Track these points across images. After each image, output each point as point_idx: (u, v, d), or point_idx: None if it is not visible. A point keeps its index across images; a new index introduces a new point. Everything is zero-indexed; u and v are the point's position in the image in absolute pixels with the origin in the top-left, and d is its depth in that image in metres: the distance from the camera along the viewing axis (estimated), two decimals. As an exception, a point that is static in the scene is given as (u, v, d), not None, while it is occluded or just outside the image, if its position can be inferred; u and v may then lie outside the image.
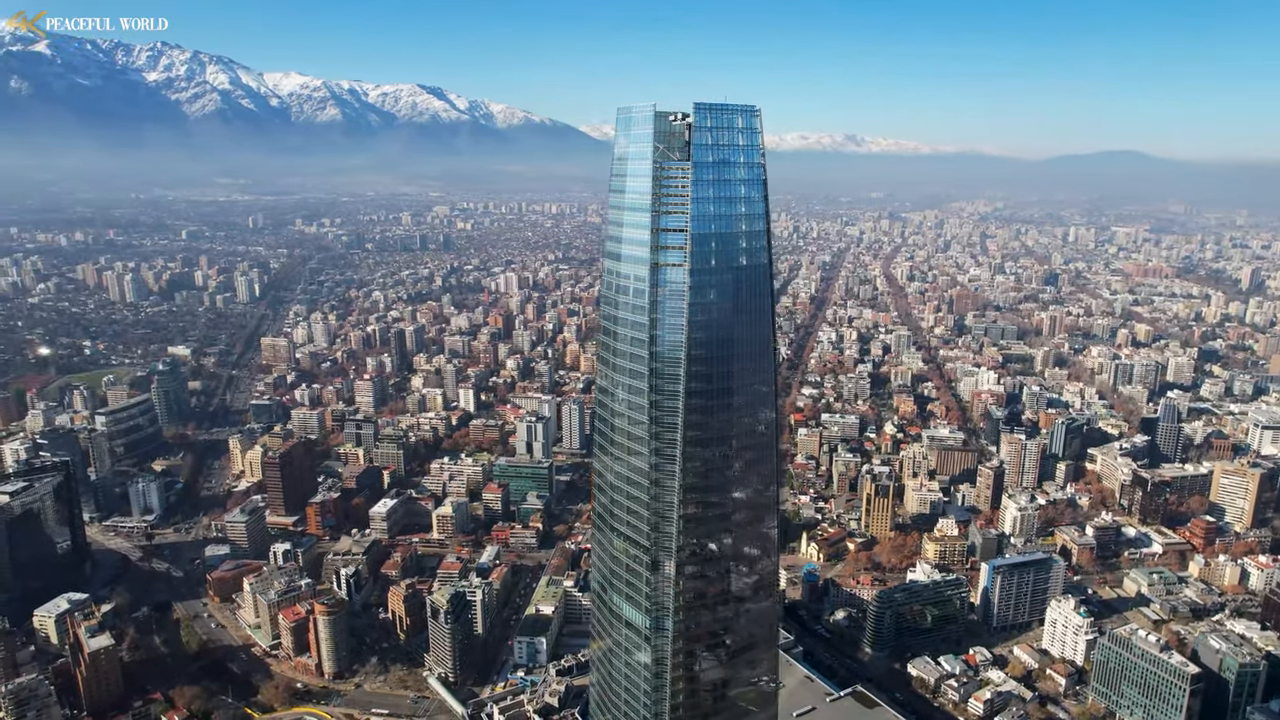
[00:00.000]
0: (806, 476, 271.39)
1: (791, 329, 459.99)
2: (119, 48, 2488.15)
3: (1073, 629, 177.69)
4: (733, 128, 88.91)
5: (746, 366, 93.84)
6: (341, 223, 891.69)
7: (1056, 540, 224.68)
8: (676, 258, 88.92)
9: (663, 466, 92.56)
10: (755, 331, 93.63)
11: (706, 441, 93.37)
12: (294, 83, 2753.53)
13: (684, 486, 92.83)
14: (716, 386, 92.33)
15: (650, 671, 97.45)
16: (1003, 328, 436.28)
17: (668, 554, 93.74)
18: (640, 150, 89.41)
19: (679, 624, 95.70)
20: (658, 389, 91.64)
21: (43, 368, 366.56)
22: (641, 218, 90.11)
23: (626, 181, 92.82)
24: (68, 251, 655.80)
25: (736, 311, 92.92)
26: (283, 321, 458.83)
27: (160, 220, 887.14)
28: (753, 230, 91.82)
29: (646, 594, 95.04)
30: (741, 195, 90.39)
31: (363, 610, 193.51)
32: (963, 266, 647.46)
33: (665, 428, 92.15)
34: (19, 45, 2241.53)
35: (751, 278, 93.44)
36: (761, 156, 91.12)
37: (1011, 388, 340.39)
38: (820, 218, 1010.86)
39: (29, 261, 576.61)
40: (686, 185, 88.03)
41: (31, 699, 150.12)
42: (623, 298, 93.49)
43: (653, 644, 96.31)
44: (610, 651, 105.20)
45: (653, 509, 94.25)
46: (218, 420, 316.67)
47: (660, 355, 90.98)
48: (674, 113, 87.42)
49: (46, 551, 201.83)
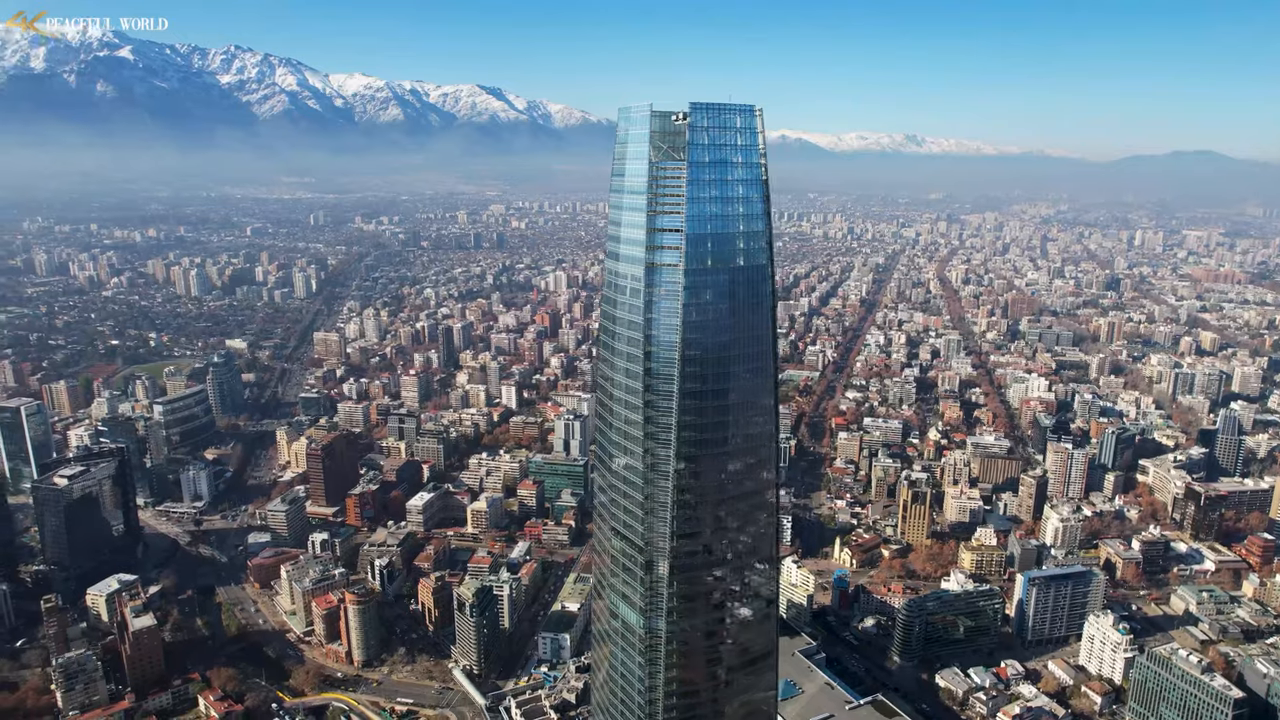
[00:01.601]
0: (844, 481, 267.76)
1: (839, 331, 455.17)
2: (195, 51, 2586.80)
3: (1111, 646, 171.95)
4: (730, 127, 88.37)
5: (744, 367, 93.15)
6: (399, 220, 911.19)
7: (1100, 553, 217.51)
8: (672, 257, 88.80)
9: (657, 466, 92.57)
10: (754, 332, 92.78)
11: (702, 443, 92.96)
12: (358, 83, 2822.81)
13: (678, 488, 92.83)
14: (712, 388, 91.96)
15: (643, 671, 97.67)
16: (1058, 333, 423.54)
17: (662, 555, 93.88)
18: (637, 150, 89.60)
19: (672, 625, 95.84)
20: (652, 388, 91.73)
21: (110, 358, 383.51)
22: (637, 217, 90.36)
23: (625, 181, 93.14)
24: (141, 247, 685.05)
25: (734, 312, 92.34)
26: (336, 317, 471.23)
27: (227, 217, 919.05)
28: (751, 230, 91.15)
29: (641, 594, 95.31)
30: (739, 195, 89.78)
31: (394, 601, 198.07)
32: (1020, 270, 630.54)
33: (660, 428, 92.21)
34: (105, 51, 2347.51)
35: (750, 278, 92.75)
36: (761, 156, 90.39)
37: (1063, 395, 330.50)
38: (876, 219, 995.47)
39: (105, 257, 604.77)
40: (682, 185, 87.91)
41: (80, 672, 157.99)
42: (620, 297, 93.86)
43: (646, 644, 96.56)
44: (608, 650, 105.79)
45: (647, 509, 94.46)
46: (269, 412, 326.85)
47: (655, 355, 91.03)
48: (676, 112, 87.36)
49: (102, 533, 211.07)
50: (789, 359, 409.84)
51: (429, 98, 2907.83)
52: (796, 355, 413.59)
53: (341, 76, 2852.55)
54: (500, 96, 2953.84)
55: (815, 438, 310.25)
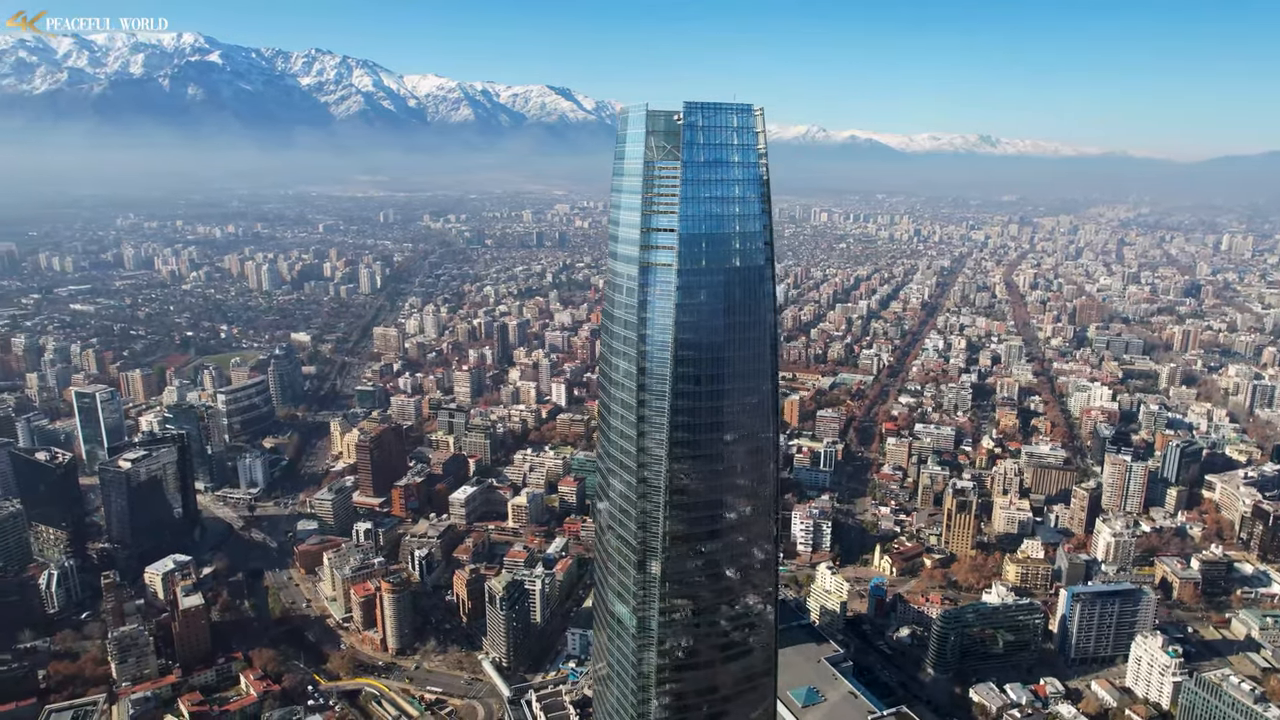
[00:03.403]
0: (890, 488, 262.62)
1: (897, 335, 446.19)
2: (279, 55, 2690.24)
3: (1159, 668, 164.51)
4: (727, 127, 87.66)
5: (740, 369, 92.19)
6: (466, 219, 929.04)
7: (1156, 571, 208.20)
8: (666, 257, 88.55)
9: (650, 466, 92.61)
10: (750, 334, 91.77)
11: (695, 444, 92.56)
12: (431, 84, 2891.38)
13: (671, 488, 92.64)
14: (706, 389, 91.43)
15: (635, 670, 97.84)
16: (1127, 341, 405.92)
17: (654, 554, 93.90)
18: (634, 149, 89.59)
19: (664, 624, 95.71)
20: (645, 388, 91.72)
21: (184, 348, 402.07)
22: (634, 216, 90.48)
23: (623, 180, 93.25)
24: (220, 243, 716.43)
25: (730, 313, 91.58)
26: (398, 312, 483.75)
27: (303, 215, 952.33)
28: (747, 231, 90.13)
29: (634, 592, 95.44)
30: (736, 195, 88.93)
31: (432, 591, 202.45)
32: (1092, 275, 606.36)
33: (653, 427, 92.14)
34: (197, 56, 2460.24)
35: (747, 279, 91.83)
36: (760, 156, 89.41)
37: (1129, 405, 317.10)
38: (945, 221, 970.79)
39: (186, 252, 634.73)
40: (676, 184, 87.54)
41: (132, 646, 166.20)
42: (618, 296, 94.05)
43: (638, 642, 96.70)
44: (605, 649, 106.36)
45: (640, 508, 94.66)
46: (326, 403, 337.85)
47: (649, 355, 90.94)
48: (676, 111, 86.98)
49: (163, 515, 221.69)
50: (843, 362, 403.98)
51: (499, 98, 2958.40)
52: (851, 358, 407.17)
53: (415, 77, 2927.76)
54: (569, 97, 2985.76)
55: (864, 443, 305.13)
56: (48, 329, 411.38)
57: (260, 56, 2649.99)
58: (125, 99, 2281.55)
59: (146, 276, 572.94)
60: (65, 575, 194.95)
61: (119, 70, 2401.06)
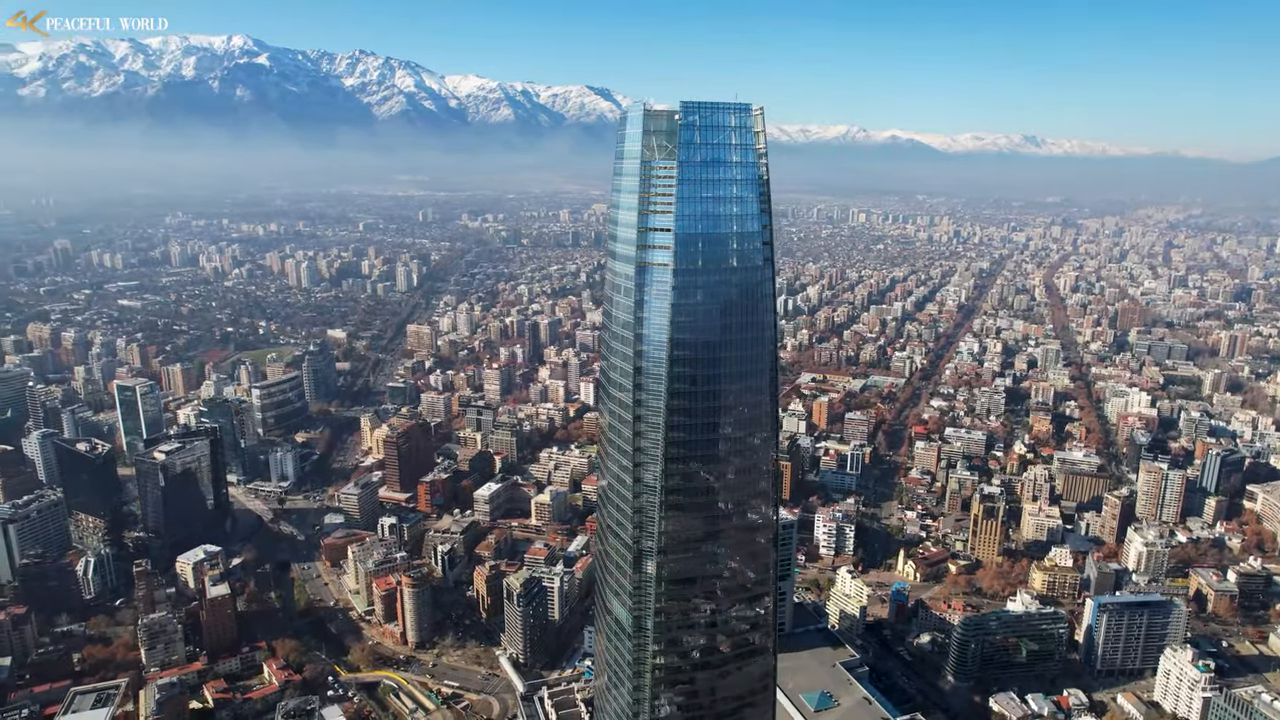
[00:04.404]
0: (917, 492, 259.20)
1: (932, 338, 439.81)
2: (324, 56, 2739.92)
3: (1188, 683, 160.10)
4: (724, 126, 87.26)
5: (737, 371, 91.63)
6: (504, 218, 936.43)
7: (1190, 583, 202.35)
8: (662, 257, 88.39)
9: (646, 465, 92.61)
10: (748, 335, 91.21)
11: (690, 444, 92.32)
12: (472, 84, 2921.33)
13: (666, 489, 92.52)
14: (702, 389, 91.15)
15: (633, 671, 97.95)
16: (1170, 346, 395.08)
17: (650, 554, 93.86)
18: (632, 148, 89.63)
19: (659, 625, 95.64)
20: (642, 387, 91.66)
21: (224, 344, 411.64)
22: (631, 216, 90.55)
23: (622, 180, 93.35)
24: (262, 240, 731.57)
25: (727, 314, 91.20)
26: (433, 310, 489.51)
27: (344, 213, 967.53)
28: (745, 231, 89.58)
29: (630, 592, 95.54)
30: (733, 195, 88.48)
31: (454, 586, 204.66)
32: (1137, 278, 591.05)
33: (649, 426, 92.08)
34: (245, 59, 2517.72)
35: (744, 280, 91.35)
36: (758, 156, 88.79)
37: (1169, 412, 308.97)
38: (986, 223, 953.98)
39: (230, 250, 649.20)
40: (672, 184, 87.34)
41: (161, 633, 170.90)
42: (617, 296, 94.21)
43: (634, 642, 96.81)
44: (604, 650, 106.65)
45: (636, 507, 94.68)
46: (359, 399, 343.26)
47: (646, 355, 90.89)
48: (676, 111, 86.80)
49: (195, 506, 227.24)
50: (875, 364, 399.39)
51: (539, 98, 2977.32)
52: (884, 360, 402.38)
53: (457, 78, 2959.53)
54: (608, 97, 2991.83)
55: (893, 446, 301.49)
56: (96, 324, 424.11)
57: (306, 58, 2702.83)
58: (177, 100, 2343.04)
59: (191, 273, 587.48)
60: (102, 562, 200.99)
61: (172, 73, 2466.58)
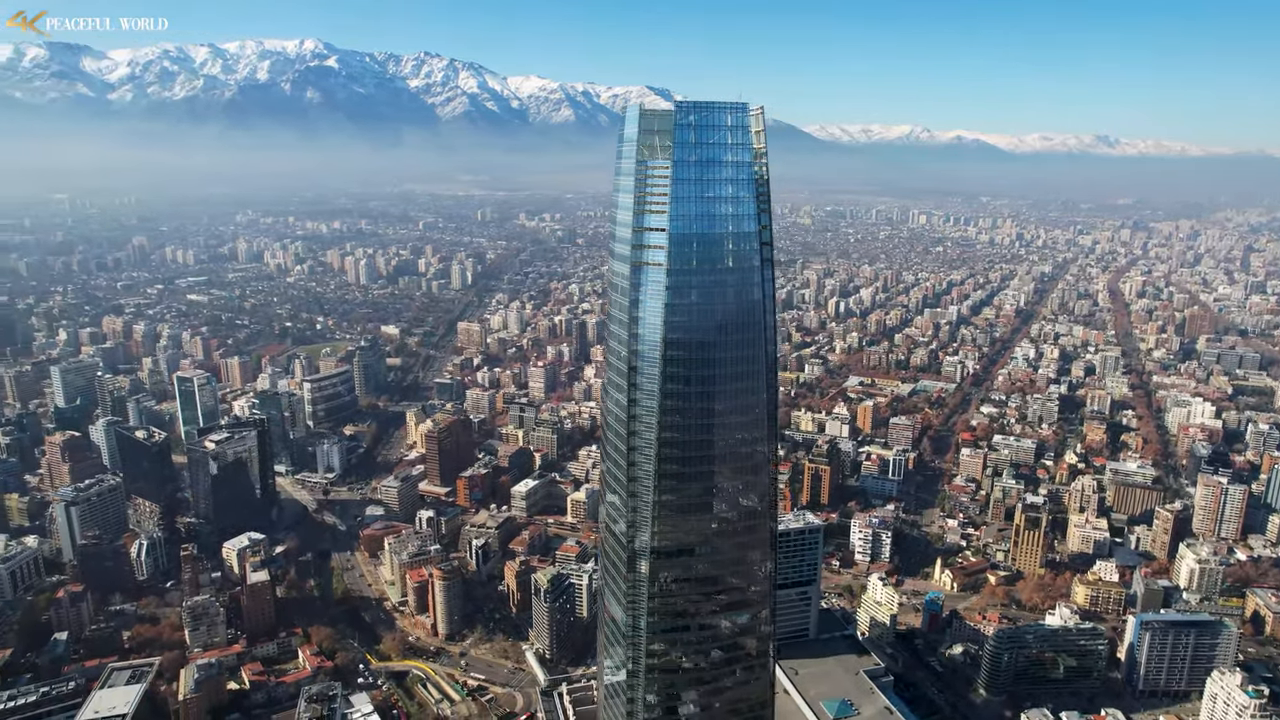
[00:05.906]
0: (960, 500, 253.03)
1: (987, 342, 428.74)
2: (390, 59, 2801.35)
3: (1236, 708, 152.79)
4: (720, 126, 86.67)
5: (732, 372, 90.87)
6: (560, 218, 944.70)
7: (1247, 604, 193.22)
8: (657, 257, 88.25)
9: (641, 465, 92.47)
10: (745, 335, 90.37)
11: (685, 444, 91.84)
12: (533, 85, 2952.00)
13: (659, 489, 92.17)
14: (696, 390, 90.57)
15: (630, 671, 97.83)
16: (1241, 355, 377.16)
17: (644, 554, 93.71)
18: (629, 148, 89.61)
19: (653, 624, 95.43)
20: (637, 387, 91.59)
21: (282, 338, 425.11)
22: (627, 216, 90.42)
23: (620, 180, 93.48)
24: (325, 238, 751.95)
25: (722, 315, 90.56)
26: (485, 308, 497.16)
27: (405, 212, 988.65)
28: (742, 232, 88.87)
29: (625, 591, 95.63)
30: (729, 195, 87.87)
31: (487, 581, 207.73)
32: (1211, 284, 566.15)
33: (644, 426, 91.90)
34: (315, 61, 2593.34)
35: (741, 281, 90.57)
36: (756, 156, 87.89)
37: (1235, 424, 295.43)
38: (1051, 225, 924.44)
39: (293, 247, 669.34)
40: (667, 184, 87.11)
41: (203, 615, 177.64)
42: (615, 295, 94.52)
43: (630, 642, 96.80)
44: (603, 650, 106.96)
45: (631, 507, 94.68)
46: (408, 394, 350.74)
47: (641, 354, 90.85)
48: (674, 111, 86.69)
49: (244, 495, 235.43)
50: (926, 368, 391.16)
51: (599, 99, 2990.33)
52: (935, 365, 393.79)
53: (518, 79, 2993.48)
54: (668, 98, 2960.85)
55: (939, 452, 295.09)
56: (165, 317, 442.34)
57: (373, 60, 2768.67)
58: (251, 103, 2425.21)
59: (256, 269, 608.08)
60: (154, 545, 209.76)
61: (247, 76, 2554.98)
